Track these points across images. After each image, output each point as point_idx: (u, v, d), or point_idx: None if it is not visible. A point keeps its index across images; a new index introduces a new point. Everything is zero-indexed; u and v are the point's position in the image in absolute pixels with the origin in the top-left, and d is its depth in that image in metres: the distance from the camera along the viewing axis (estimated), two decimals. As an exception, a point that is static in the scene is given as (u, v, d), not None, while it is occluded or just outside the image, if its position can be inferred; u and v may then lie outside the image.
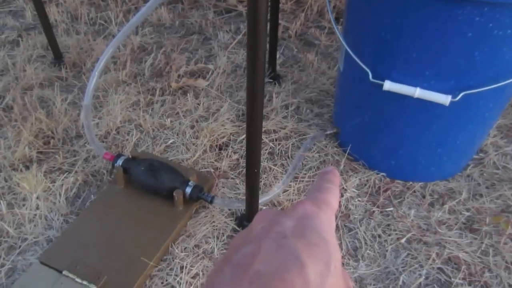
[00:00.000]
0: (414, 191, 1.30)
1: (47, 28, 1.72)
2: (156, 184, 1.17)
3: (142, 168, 1.19)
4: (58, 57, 1.81)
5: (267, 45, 1.70)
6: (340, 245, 1.16)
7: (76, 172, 1.32)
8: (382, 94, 1.10)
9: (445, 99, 1.02)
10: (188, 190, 1.16)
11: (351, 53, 1.14)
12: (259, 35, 0.78)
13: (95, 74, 1.28)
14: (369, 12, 1.08)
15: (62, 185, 1.28)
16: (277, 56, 1.74)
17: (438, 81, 1.03)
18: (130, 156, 1.25)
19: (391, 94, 1.09)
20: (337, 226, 1.20)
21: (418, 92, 1.04)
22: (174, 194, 1.15)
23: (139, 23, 1.22)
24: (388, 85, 1.07)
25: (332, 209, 0.29)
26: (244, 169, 1.34)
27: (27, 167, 1.34)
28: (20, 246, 1.13)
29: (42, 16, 1.68)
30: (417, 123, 1.15)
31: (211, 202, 1.17)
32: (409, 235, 1.17)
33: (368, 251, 1.15)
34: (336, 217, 1.22)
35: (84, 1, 2.21)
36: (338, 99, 1.41)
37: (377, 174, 1.33)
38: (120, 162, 1.22)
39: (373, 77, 1.10)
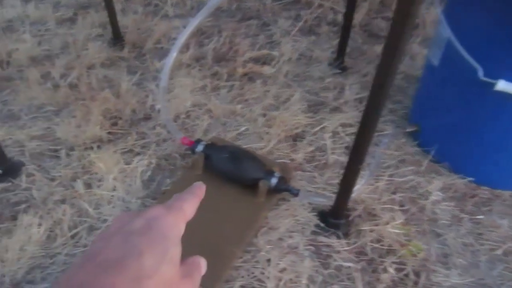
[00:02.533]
0: (504, 200, 1.23)
1: (110, 6, 1.67)
2: (239, 173, 1.12)
3: (225, 156, 1.14)
4: (117, 37, 1.76)
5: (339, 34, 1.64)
6: (429, 250, 1.10)
7: (149, 155, 1.28)
8: (491, 94, 1.03)
9: None
10: (274, 181, 1.11)
11: (457, 46, 1.06)
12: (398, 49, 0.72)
13: (173, 55, 1.24)
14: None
15: (137, 167, 1.24)
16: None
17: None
18: (209, 142, 1.20)
19: (500, 95, 1.02)
20: (424, 230, 1.14)
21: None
22: (260, 184, 1.10)
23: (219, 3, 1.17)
24: (502, 85, 1.00)
25: (184, 214, 0.34)
26: (320, 163, 1.29)
27: (99, 147, 1.30)
28: (100, 227, 1.09)
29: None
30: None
31: (296, 195, 1.12)
32: (505, 246, 1.10)
33: (459, 259, 1.09)
34: (422, 221, 1.16)
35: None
36: (421, 96, 1.34)
37: (463, 178, 1.27)
38: (200, 148, 1.17)
39: (483, 75, 1.03)
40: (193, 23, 1.16)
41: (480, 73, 1.03)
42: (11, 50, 1.68)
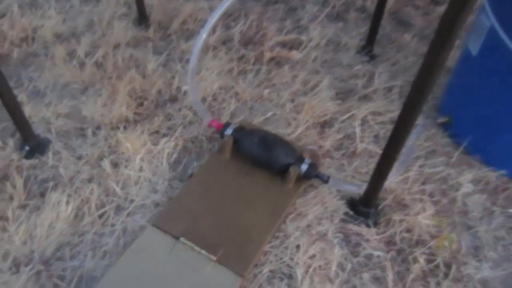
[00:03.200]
0: (536, 193, 1.20)
1: None
2: (270, 158, 1.11)
3: (256, 140, 1.12)
4: (143, 16, 1.74)
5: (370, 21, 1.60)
6: (459, 242, 1.08)
7: (175, 137, 1.27)
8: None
9: None
10: (304, 167, 1.09)
11: (501, 34, 1.03)
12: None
13: (203, 36, 1.22)
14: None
15: (164, 148, 1.23)
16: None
17: None
18: (238, 126, 1.19)
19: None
20: (454, 222, 1.12)
21: None
22: (290, 170, 1.08)
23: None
24: (546, 75, 0.96)
25: None
26: (349, 151, 1.28)
27: (125, 127, 1.30)
28: (128, 207, 1.09)
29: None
30: None
31: (326, 181, 1.10)
32: (538, 240, 1.08)
33: (491, 252, 1.07)
34: (453, 213, 1.14)
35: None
36: (456, 86, 1.31)
37: (494, 171, 1.24)
38: (230, 131, 1.16)
39: (527, 65, 0.99)
40: (223, 5, 1.14)
41: (524, 63, 0.99)
42: (36, 26, 1.67)
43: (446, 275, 1.01)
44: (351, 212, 1.11)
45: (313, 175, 1.09)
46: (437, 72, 0.78)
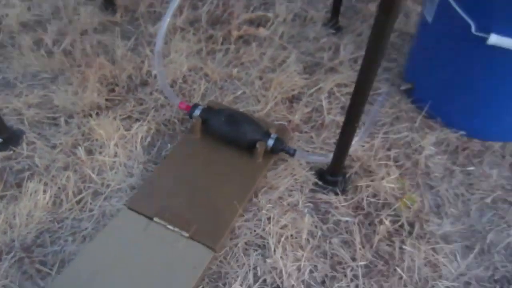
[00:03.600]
0: (494, 151, 1.27)
1: None
2: (237, 136, 1.15)
3: (223, 119, 1.16)
4: (109, 1, 1.72)
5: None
6: (422, 202, 1.15)
7: (148, 121, 1.30)
8: (483, 48, 1.04)
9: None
10: (271, 142, 1.14)
11: (451, 1, 1.07)
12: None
13: (167, 19, 1.23)
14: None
15: (137, 133, 1.25)
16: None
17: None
18: (206, 106, 1.22)
19: (492, 49, 1.04)
20: (417, 183, 1.19)
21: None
22: (257, 145, 1.12)
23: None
24: (494, 39, 1.01)
25: None
26: (317, 123, 1.32)
27: (97, 114, 1.31)
28: (104, 192, 1.13)
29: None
30: (517, 81, 1.10)
31: (293, 155, 1.15)
32: (494, 195, 1.15)
33: (451, 209, 1.14)
34: (416, 175, 1.20)
35: None
36: (416, 54, 1.35)
37: (455, 132, 1.30)
38: (198, 112, 1.19)
39: (476, 30, 1.04)
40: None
41: (473, 28, 1.03)
42: (0, 16, 1.64)
43: (410, 233, 1.08)
44: (320, 182, 1.16)
45: (279, 149, 1.13)
46: (384, 41, 0.81)
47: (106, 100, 1.36)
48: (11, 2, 1.72)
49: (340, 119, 1.33)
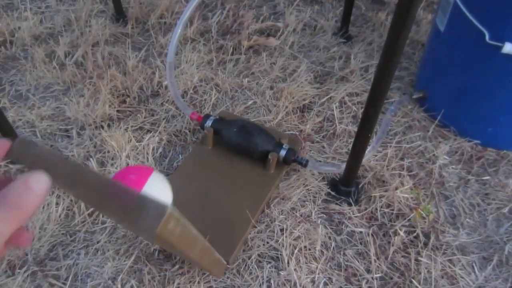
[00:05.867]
0: (509, 160, 1.25)
1: None
2: (249, 146, 1.14)
3: (235, 130, 1.15)
4: (119, 13, 1.74)
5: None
6: (437, 212, 1.13)
7: (159, 132, 1.30)
8: (498, 57, 1.03)
9: None
10: (283, 153, 1.13)
11: (464, 10, 1.06)
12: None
13: (178, 30, 1.23)
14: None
15: (148, 144, 1.26)
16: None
17: None
18: (218, 117, 1.22)
19: (507, 58, 1.02)
20: (432, 193, 1.17)
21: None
22: (269, 156, 1.12)
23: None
24: (508, 48, 1.00)
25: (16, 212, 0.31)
26: (329, 133, 1.31)
27: (109, 126, 1.32)
28: (117, 204, 1.12)
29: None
30: (532, 89, 1.08)
31: (305, 165, 1.14)
32: (511, 205, 1.13)
33: (467, 219, 1.12)
34: (430, 185, 1.19)
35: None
36: (429, 62, 1.34)
37: (469, 141, 1.28)
38: (209, 122, 1.19)
39: (490, 39, 1.02)
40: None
41: (487, 37, 1.02)
42: (13, 29, 1.67)
43: (425, 244, 1.06)
44: (333, 193, 1.15)
45: (292, 159, 1.13)
46: (399, 50, 0.81)
47: (118, 111, 1.37)
48: (23, 15, 1.74)
49: (352, 128, 1.33)
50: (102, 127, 1.32)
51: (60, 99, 1.42)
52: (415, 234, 1.08)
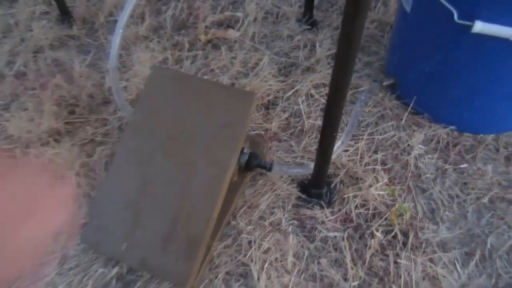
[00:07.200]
0: (487, 145, 1.19)
1: None
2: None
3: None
4: (65, 13, 1.60)
5: (304, -13, 1.51)
6: (415, 207, 1.06)
7: (112, 143, 1.19)
8: (468, 37, 0.95)
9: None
10: (243, 158, 1.03)
11: (429, -11, 0.97)
12: None
13: (119, 31, 1.12)
14: None
15: (101, 158, 1.15)
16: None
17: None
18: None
19: (478, 37, 0.94)
20: (408, 187, 1.10)
21: (515, 33, 0.90)
22: (231, 163, 1.02)
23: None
24: (479, 27, 0.92)
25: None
26: (296, 130, 1.23)
27: (57, 141, 1.20)
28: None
29: (44, -36, 1.45)
30: (506, 70, 1.01)
31: (269, 170, 1.05)
32: (491, 193, 1.07)
33: (447, 212, 1.06)
34: (406, 178, 1.12)
35: None
36: (397, 46, 1.26)
37: (444, 128, 1.22)
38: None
39: (459, 18, 0.94)
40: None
41: (455, 16, 0.94)
42: None
43: (404, 244, 1.00)
44: (303, 196, 1.07)
45: (254, 165, 1.03)
46: (356, 37, 0.70)
47: (66, 123, 1.25)
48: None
49: (321, 122, 1.24)
50: (49, 143, 1.20)
51: (1, 115, 1.29)
52: (393, 234, 1.01)
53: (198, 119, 0.94)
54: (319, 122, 1.23)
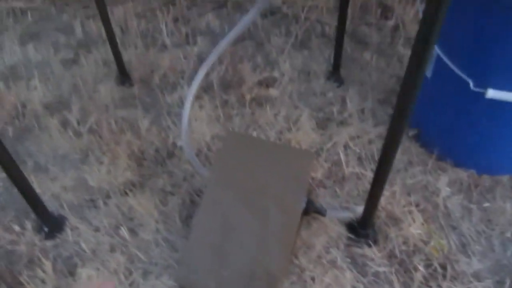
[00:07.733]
0: (503, 185, 1.38)
1: (113, 43, 1.69)
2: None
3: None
4: (123, 73, 1.82)
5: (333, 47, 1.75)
6: (448, 243, 1.24)
7: (181, 193, 1.38)
8: (483, 101, 1.17)
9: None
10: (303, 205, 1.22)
11: (447, 61, 1.19)
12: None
13: (190, 98, 1.33)
14: (465, 18, 1.12)
15: (174, 206, 1.33)
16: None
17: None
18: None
19: (491, 101, 1.16)
20: (441, 225, 1.28)
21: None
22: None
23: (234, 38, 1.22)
24: (491, 94, 1.13)
25: None
26: (338, 177, 1.42)
27: (131, 191, 1.39)
28: (154, 271, 1.19)
29: (109, 31, 1.65)
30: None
31: (324, 214, 1.23)
32: (512, 229, 1.26)
33: (476, 246, 1.24)
34: (438, 217, 1.30)
35: (131, 13, 2.20)
36: (419, 102, 1.47)
37: (465, 171, 1.41)
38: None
39: (474, 86, 1.16)
40: (208, 62, 1.26)
41: (471, 85, 1.16)
42: (24, 100, 1.73)
43: (444, 276, 1.17)
44: (352, 236, 1.25)
45: (312, 210, 1.22)
46: (416, 89, 0.88)
47: (139, 175, 1.44)
48: (32, 84, 1.81)
49: (359, 170, 1.44)
50: (127, 193, 1.38)
51: (80, 168, 1.49)
52: (433, 267, 1.18)
53: (268, 175, 1.13)
54: (358, 170, 1.43)
